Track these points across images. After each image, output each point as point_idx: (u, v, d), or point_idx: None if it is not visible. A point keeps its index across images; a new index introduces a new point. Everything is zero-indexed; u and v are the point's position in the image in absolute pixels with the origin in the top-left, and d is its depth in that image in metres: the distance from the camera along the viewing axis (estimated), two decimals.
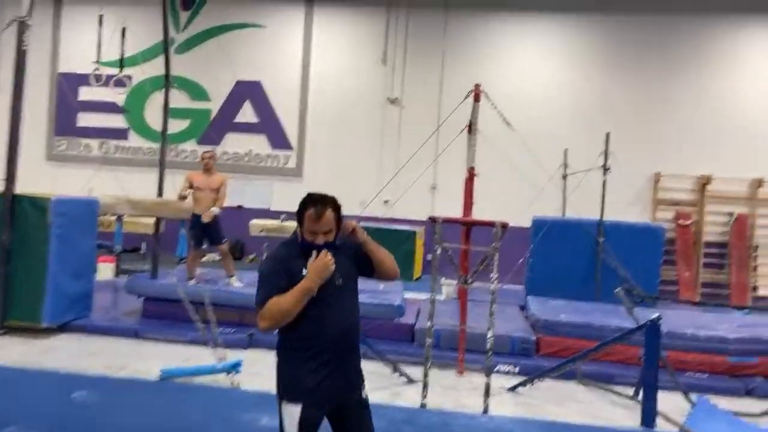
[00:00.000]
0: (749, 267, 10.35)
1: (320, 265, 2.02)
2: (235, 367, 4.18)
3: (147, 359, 4.73)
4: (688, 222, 10.55)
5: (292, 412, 2.06)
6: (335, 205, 2.13)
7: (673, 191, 10.84)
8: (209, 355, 4.35)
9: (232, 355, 4.86)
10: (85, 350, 4.91)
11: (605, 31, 11.21)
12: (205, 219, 6.14)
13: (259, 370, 4.67)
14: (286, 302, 2.02)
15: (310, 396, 2.06)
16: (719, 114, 10.83)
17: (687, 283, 10.14)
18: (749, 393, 4.81)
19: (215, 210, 6.24)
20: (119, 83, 7.00)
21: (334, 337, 2.08)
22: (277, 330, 2.14)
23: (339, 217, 2.14)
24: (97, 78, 6.71)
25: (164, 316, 5.63)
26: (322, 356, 2.07)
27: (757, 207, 10.54)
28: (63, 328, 5.37)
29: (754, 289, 10.35)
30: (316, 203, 2.09)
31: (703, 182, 10.59)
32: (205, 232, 6.20)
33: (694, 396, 4.39)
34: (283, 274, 2.06)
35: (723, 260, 10.58)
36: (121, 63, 6.98)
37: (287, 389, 2.10)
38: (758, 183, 10.45)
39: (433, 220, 4.56)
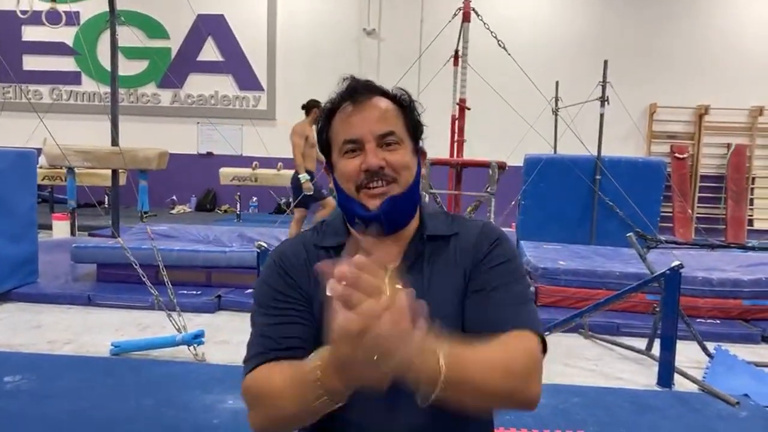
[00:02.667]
0: (746, 200, 10.00)
1: (353, 325, 0.64)
2: (196, 338, 3.64)
3: (99, 330, 4.17)
4: (685, 155, 10.09)
5: None
6: (395, 96, 1.03)
7: (669, 123, 10.30)
8: (170, 323, 3.79)
9: (198, 321, 4.36)
10: (28, 322, 4.32)
11: None
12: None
13: (227, 338, 4.15)
14: (282, 400, 0.83)
15: None
16: (717, 42, 10.19)
17: (682, 219, 9.78)
18: (766, 339, 4.44)
19: None
20: (52, 18, 6.07)
21: None
22: None
23: (413, 125, 1.02)
24: (23, 12, 5.80)
25: (121, 280, 5.03)
26: None
27: (757, 137, 10.09)
28: (4, 298, 4.76)
29: (750, 222, 10.05)
30: (353, 89, 1.01)
31: (701, 113, 10.06)
32: (315, 190, 5.80)
33: (710, 346, 3.99)
34: (283, 305, 0.96)
35: (719, 194, 10.21)
36: None
37: None
38: (758, 111, 9.95)
39: None
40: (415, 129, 1.02)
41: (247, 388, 0.92)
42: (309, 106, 5.86)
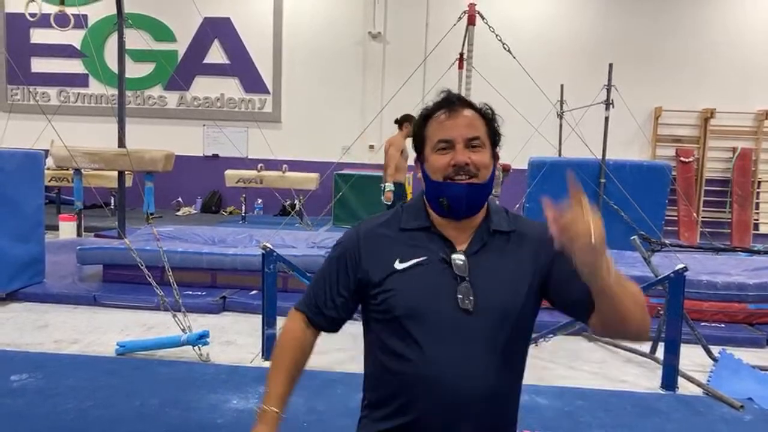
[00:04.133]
0: (752, 204, 9.97)
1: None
2: (201, 339, 3.66)
3: (104, 330, 4.20)
4: (690, 159, 10.06)
5: None
6: (482, 112, 1.21)
7: (674, 127, 10.29)
8: (175, 323, 3.82)
9: (203, 321, 4.37)
10: (35, 322, 4.36)
11: None
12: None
13: (231, 338, 4.18)
14: (272, 364, 1.22)
15: None
16: (723, 45, 10.17)
17: (687, 222, 9.75)
18: None
19: None
20: (61, 21, 6.12)
21: (441, 409, 1.11)
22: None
23: (493, 134, 1.21)
24: (32, 15, 5.85)
25: (126, 280, 5.07)
26: None
27: (762, 141, 10.06)
28: (11, 297, 4.80)
29: (756, 226, 10.01)
30: (448, 100, 1.19)
31: (706, 116, 10.03)
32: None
33: (714, 349, 3.98)
34: (343, 273, 1.19)
35: (724, 198, 10.18)
36: None
37: None
38: (764, 115, 9.93)
39: None
40: (494, 137, 1.21)
41: (288, 319, 1.26)
42: (403, 121, 6.02)
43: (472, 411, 1.11)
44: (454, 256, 1.15)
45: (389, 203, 5.90)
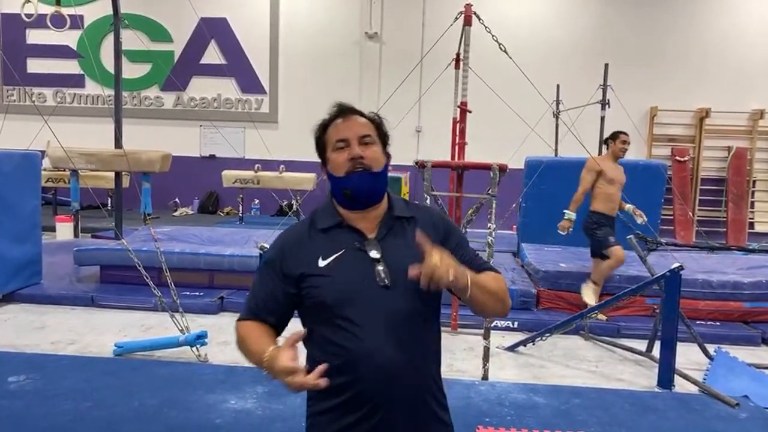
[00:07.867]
0: (747, 203, 10.01)
1: (279, 365, 1.12)
2: (199, 339, 3.66)
3: (102, 331, 4.20)
4: (685, 158, 10.11)
5: None
6: (370, 117, 1.38)
7: (670, 126, 10.32)
8: (173, 324, 3.82)
9: (201, 322, 4.37)
10: (32, 323, 4.35)
11: None
12: (641, 221, 4.66)
13: (229, 339, 4.15)
14: (246, 350, 1.28)
15: None
16: (718, 45, 10.23)
17: (683, 221, 9.80)
18: (766, 341, 4.46)
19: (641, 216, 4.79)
20: (57, 21, 6.11)
21: (371, 379, 1.23)
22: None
23: (383, 136, 1.37)
24: (28, 16, 5.83)
25: (124, 281, 5.07)
26: (353, 407, 1.24)
27: (757, 140, 10.11)
28: (8, 299, 4.80)
29: (751, 225, 10.06)
30: (341, 110, 1.36)
31: (701, 116, 10.08)
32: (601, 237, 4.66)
33: (710, 348, 4.00)
34: (275, 277, 1.31)
35: (720, 197, 10.22)
36: None
37: None
38: (759, 114, 9.98)
39: (420, 165, 3.98)
40: (383, 138, 1.37)
41: (237, 327, 1.36)
42: (612, 138, 5.00)
43: (402, 374, 1.24)
44: (367, 242, 1.29)
45: (563, 233, 4.60)
